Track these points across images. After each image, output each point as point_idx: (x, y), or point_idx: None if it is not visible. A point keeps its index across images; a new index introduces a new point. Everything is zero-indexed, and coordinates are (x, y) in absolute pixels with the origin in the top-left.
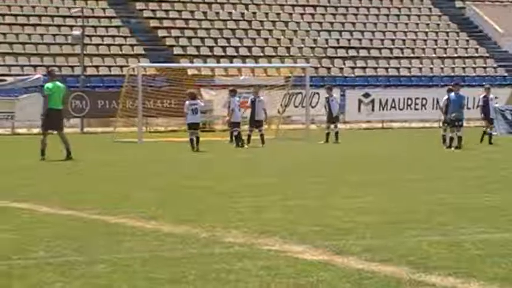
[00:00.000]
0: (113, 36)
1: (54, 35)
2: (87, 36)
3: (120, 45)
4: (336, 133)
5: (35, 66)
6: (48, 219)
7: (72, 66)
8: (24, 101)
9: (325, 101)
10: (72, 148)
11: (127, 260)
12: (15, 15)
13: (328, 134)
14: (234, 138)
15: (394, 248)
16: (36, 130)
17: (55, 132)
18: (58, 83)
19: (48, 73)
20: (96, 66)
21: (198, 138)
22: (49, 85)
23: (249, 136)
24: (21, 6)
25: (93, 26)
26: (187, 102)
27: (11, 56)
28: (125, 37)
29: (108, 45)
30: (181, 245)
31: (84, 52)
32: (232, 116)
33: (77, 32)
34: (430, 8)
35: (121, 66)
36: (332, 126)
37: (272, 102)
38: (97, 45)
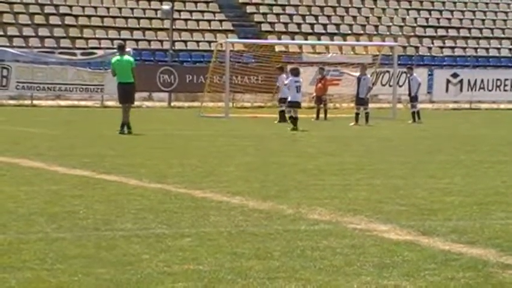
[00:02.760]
0: (202, 12)
1: (144, 9)
2: (177, 11)
3: (209, 21)
4: (417, 112)
5: (124, 40)
6: (136, 191)
7: (161, 41)
8: None
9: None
10: (161, 121)
11: (213, 234)
12: None
13: (413, 113)
14: (279, 115)
15: (481, 230)
16: None
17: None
18: (125, 57)
19: (117, 47)
20: (185, 41)
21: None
22: (113, 60)
23: (357, 114)
24: None
25: (182, 1)
26: (290, 78)
27: (101, 29)
28: (214, 12)
29: (197, 20)
30: (266, 221)
31: (173, 27)
32: (280, 92)
33: (166, 6)
34: None
35: (209, 42)
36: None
37: None
38: (186, 20)
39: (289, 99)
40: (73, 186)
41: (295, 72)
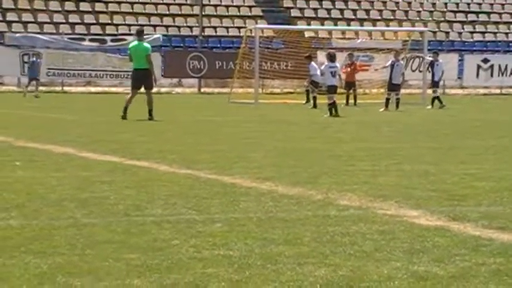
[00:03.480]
0: None
1: None
2: None
3: (238, 7)
4: (438, 97)
5: (154, 26)
6: (166, 177)
7: (190, 27)
8: None
9: (429, 65)
10: (190, 107)
11: (242, 220)
12: None
13: (433, 98)
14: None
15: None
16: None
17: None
18: (141, 44)
19: (136, 32)
20: (214, 27)
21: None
22: (130, 45)
23: (388, 100)
24: None
25: None
26: (326, 63)
27: (131, 15)
28: None
29: (227, 6)
30: (296, 206)
31: (203, 13)
32: (313, 77)
33: None
34: None
35: (239, 28)
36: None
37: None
38: (215, 6)
39: (326, 84)
40: (103, 172)
41: (331, 58)
